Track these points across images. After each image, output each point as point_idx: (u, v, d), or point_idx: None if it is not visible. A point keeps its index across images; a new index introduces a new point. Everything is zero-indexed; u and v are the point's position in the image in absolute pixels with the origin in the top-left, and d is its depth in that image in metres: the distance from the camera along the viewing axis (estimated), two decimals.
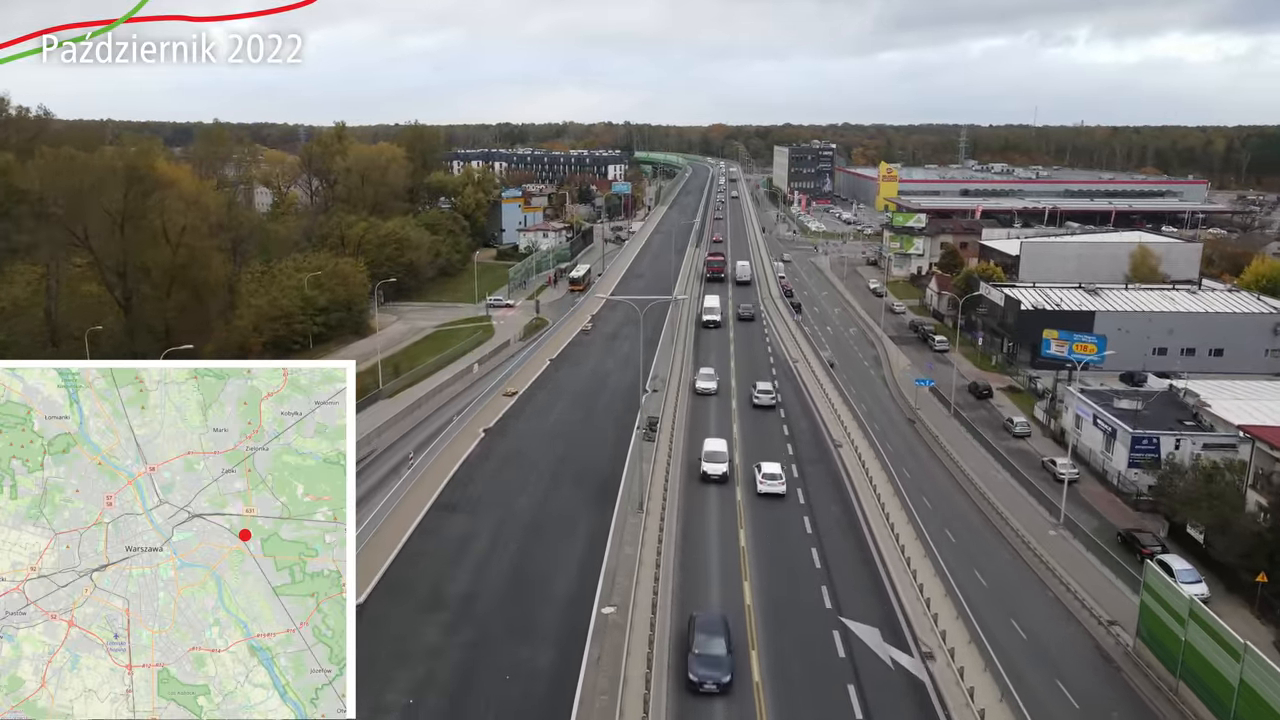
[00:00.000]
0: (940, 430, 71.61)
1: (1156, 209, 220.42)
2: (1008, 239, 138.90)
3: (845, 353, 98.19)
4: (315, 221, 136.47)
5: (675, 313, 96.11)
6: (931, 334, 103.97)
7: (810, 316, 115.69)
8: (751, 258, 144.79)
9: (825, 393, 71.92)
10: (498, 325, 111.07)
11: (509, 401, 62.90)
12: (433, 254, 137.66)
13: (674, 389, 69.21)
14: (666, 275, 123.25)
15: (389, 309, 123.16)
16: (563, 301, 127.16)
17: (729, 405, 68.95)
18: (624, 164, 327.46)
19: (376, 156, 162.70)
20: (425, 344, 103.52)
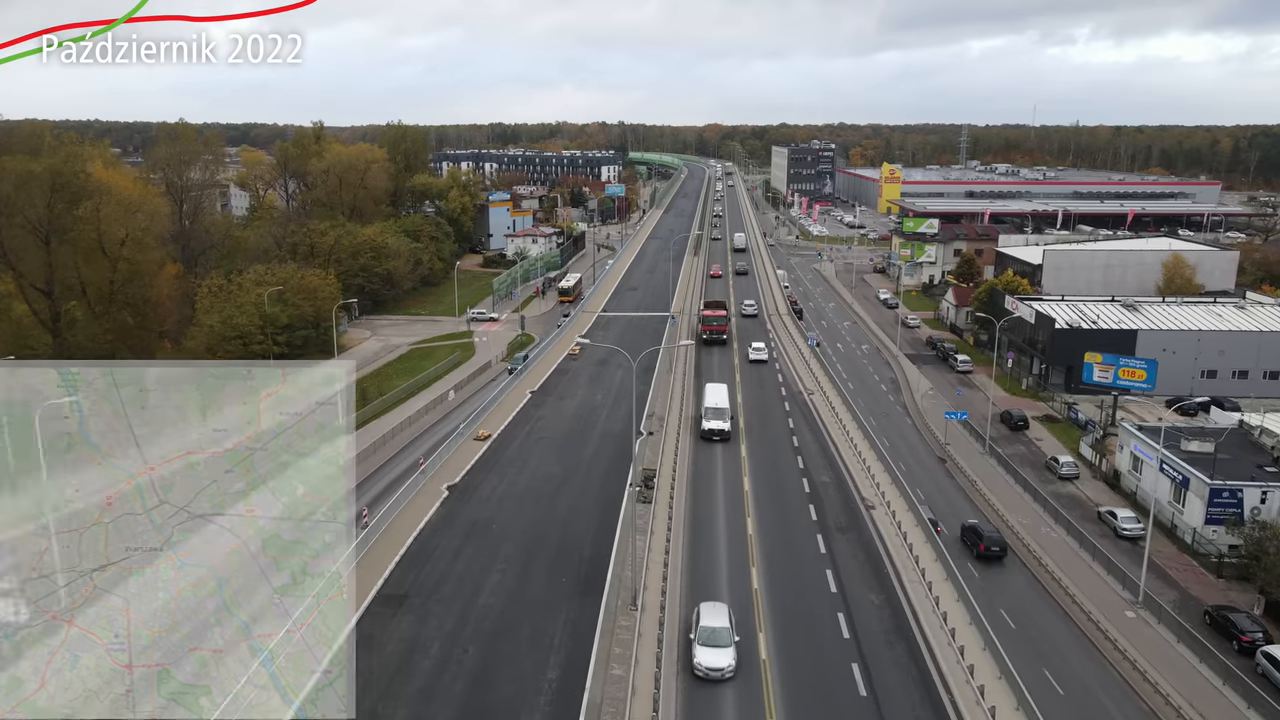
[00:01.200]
0: (976, 472, 62.84)
1: (1170, 211, 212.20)
2: (1026, 245, 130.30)
3: (859, 374, 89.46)
4: (286, 229, 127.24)
5: (674, 330, 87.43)
6: (953, 353, 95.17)
7: (817, 330, 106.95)
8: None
9: (848, 434, 62.90)
10: (479, 343, 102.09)
11: (480, 447, 53.89)
12: (413, 263, 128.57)
13: (673, 428, 60.30)
14: (662, 288, 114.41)
15: (363, 324, 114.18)
16: (551, 314, 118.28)
17: (738, 452, 59.79)
18: (618, 165, 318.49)
19: (356, 158, 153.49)
20: (399, 364, 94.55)
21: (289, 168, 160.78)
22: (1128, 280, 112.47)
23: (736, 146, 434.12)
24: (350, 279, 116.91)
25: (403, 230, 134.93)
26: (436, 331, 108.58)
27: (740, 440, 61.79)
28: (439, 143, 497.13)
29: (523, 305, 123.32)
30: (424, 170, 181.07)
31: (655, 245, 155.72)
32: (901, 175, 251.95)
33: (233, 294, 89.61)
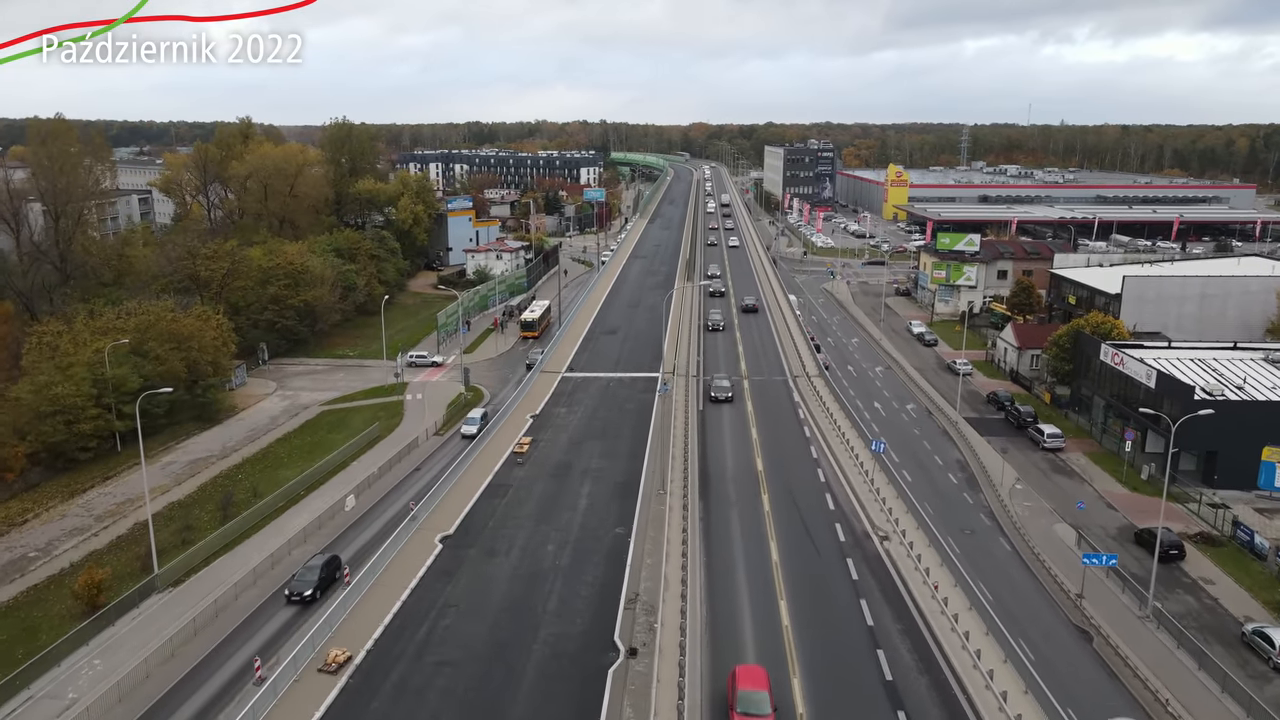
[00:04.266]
0: (1145, 658, 39.88)
1: (1211, 219, 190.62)
2: (1088, 266, 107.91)
3: (912, 452, 66.51)
4: (189, 248, 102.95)
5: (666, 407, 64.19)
6: (1029, 419, 72.33)
7: (845, 382, 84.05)
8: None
9: (958, 628, 38.08)
10: (411, 402, 78.63)
11: (332, 685, 30.48)
12: (344, 288, 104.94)
13: (672, 626, 36.63)
14: (648, 330, 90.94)
15: (271, 372, 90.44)
16: (510, 357, 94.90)
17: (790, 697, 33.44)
18: (599, 166, 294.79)
19: (284, 161, 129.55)
20: (299, 438, 71.00)
21: (208, 171, 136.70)
22: (1228, 314, 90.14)
23: (725, 146, 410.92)
24: (257, 315, 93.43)
25: (332, 248, 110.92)
26: (361, 383, 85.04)
27: (791, 666, 35.25)
28: (413, 142, 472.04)
29: (475, 344, 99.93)
30: (372, 174, 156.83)
31: (639, 268, 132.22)
32: (909, 178, 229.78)
33: (62, 349, 65.86)
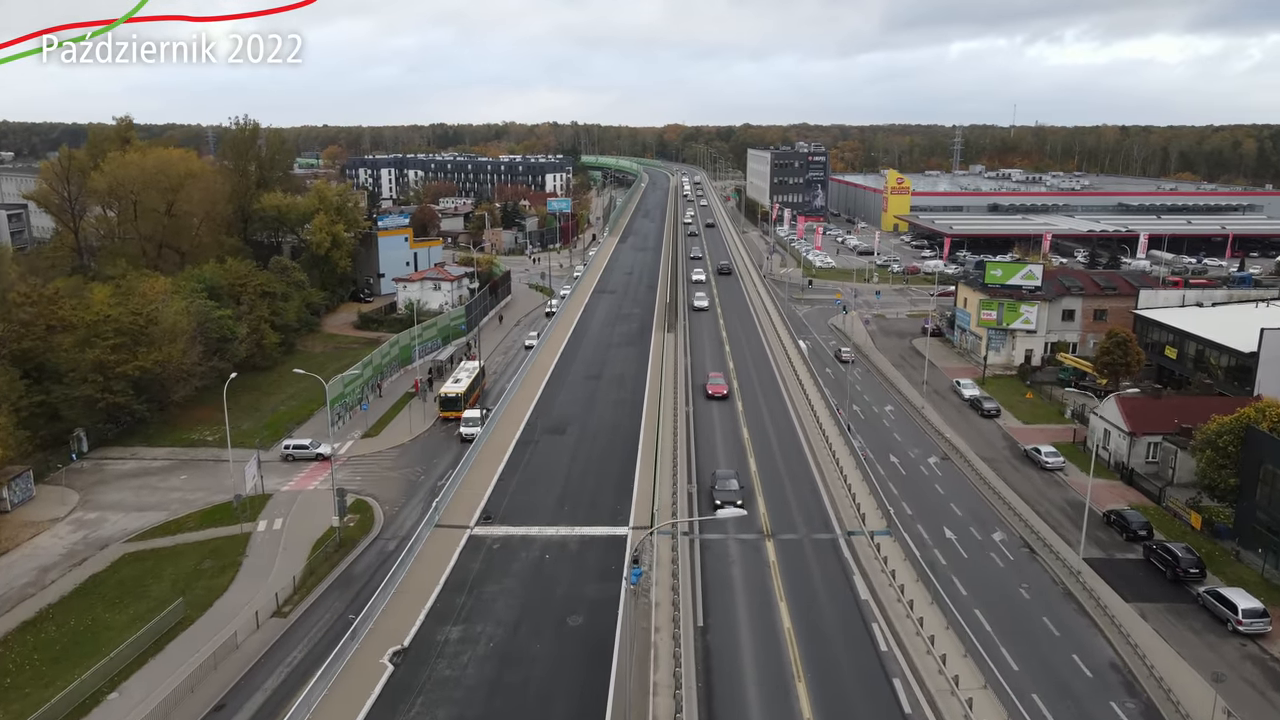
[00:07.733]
0: None
1: (1260, 232, 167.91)
2: (1183, 307, 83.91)
3: (1028, 634, 41.46)
4: (30, 280, 75.83)
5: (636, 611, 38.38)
6: (1194, 570, 47.53)
7: (892, 484, 59.09)
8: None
9: None
10: (262, 538, 52.69)
11: None
12: (218, 340, 78.77)
13: None
14: (615, 428, 64.68)
15: (81, 474, 64.04)
16: (430, 442, 69.16)
17: None
18: (567, 172, 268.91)
19: (158, 171, 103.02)
20: (59, 617, 44.93)
21: (72, 182, 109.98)
22: None
23: (702, 149, 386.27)
24: (74, 389, 67.03)
25: (201, 287, 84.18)
26: (206, 493, 59.15)
27: None
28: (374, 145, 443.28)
29: (385, 419, 74.08)
30: (286, 186, 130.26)
31: (606, 309, 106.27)
32: (911, 185, 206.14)
33: None
